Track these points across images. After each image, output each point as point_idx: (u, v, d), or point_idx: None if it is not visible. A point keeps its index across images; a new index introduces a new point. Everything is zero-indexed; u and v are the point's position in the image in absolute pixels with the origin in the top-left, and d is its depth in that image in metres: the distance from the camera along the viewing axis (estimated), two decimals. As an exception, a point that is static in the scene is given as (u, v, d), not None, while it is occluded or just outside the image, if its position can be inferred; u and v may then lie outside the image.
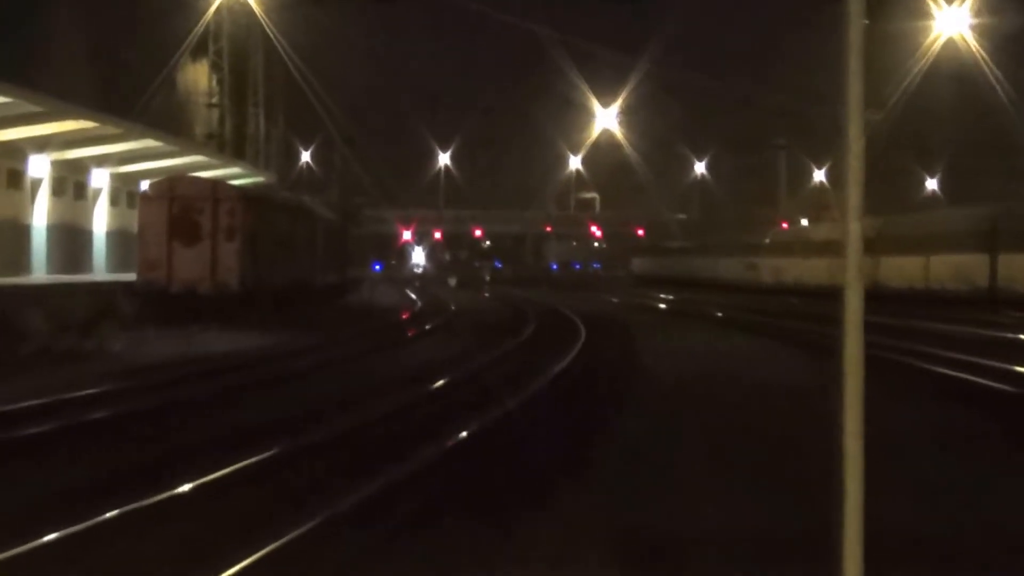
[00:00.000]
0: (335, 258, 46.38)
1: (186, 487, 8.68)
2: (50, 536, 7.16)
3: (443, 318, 35.07)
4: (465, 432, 11.60)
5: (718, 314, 38.91)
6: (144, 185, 36.20)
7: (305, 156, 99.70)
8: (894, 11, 57.56)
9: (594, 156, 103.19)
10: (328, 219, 45.96)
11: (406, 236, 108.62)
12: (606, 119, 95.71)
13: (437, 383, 16.40)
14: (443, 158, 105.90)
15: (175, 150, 44.68)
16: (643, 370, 20.08)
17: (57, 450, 10.91)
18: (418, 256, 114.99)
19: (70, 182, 42.10)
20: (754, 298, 52.45)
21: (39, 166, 38.81)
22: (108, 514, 7.73)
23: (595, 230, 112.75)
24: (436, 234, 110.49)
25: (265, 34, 64.59)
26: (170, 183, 32.26)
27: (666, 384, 17.83)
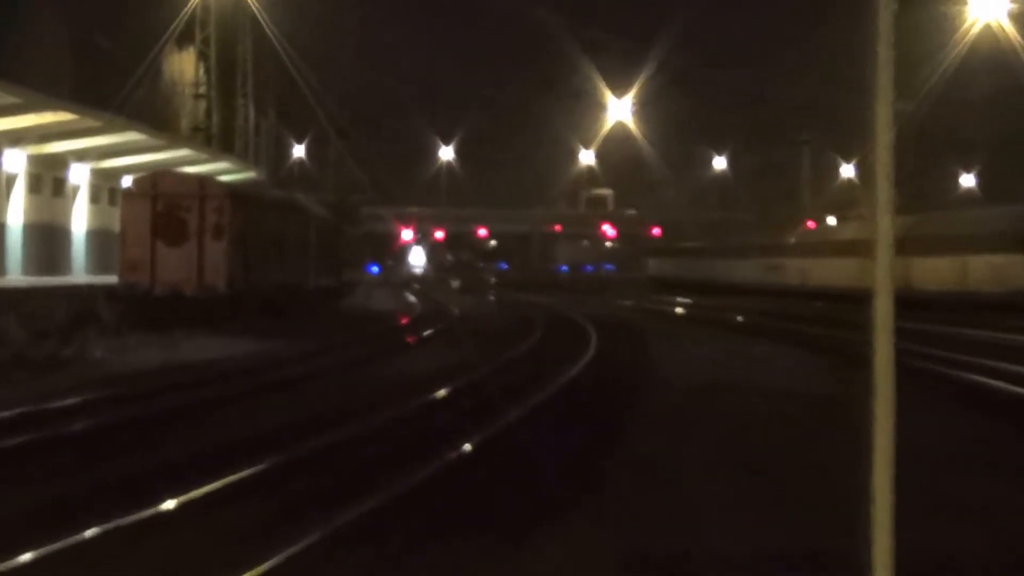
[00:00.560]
0: (330, 259, 46.38)
1: (167, 505, 8.65)
2: (22, 557, 7.13)
3: (444, 324, 35.03)
4: (467, 446, 11.58)
5: (739, 319, 38.87)
6: (126, 181, 36.27)
7: (298, 150, 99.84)
8: (927, -5, 57.55)
9: (607, 151, 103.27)
10: (322, 218, 45.98)
11: (405, 236, 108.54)
12: (619, 111, 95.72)
13: (437, 394, 16.37)
14: (445, 152, 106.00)
15: (159, 144, 44.76)
16: (658, 381, 20.03)
17: (30, 466, 10.88)
18: (417, 257, 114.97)
19: (48, 178, 42.14)
20: (778, 302, 52.38)
21: (14, 161, 38.86)
22: (83, 534, 7.70)
23: (608, 230, 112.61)
24: (437, 234, 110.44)
25: (255, 21, 64.77)
26: (154, 179, 32.29)
27: (683, 396, 17.78)
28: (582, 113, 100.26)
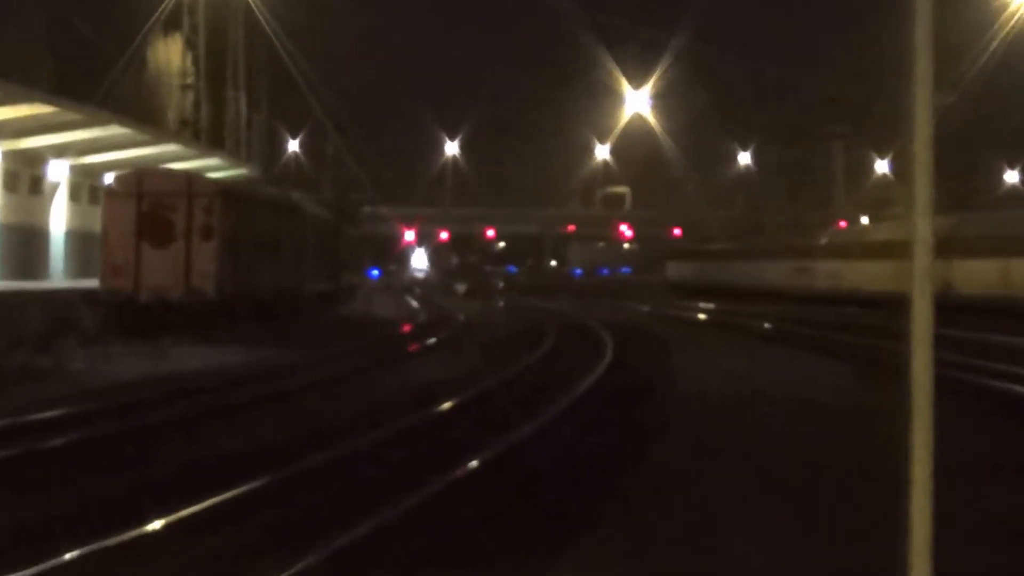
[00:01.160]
0: (327, 262, 46.44)
1: (150, 527, 8.64)
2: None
3: (449, 331, 35.03)
4: (473, 464, 11.55)
5: (765, 326, 38.86)
6: (109, 179, 36.30)
7: (293, 145, 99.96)
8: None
9: (624, 146, 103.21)
10: (319, 218, 46.04)
11: (408, 237, 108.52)
12: (637, 103, 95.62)
13: (441, 407, 16.36)
14: (450, 147, 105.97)
15: (144, 139, 44.75)
16: (681, 394, 20.01)
17: (2, 484, 10.89)
18: (420, 260, 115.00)
19: (24, 175, 42.19)
20: (807, 308, 52.34)
21: (-12, 157, 38.95)
22: (58, 559, 7.69)
23: (625, 230, 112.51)
24: (442, 235, 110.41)
25: (247, 6, 64.81)
26: (138, 176, 32.33)
27: (708, 410, 17.75)
28: (597, 105, 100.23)
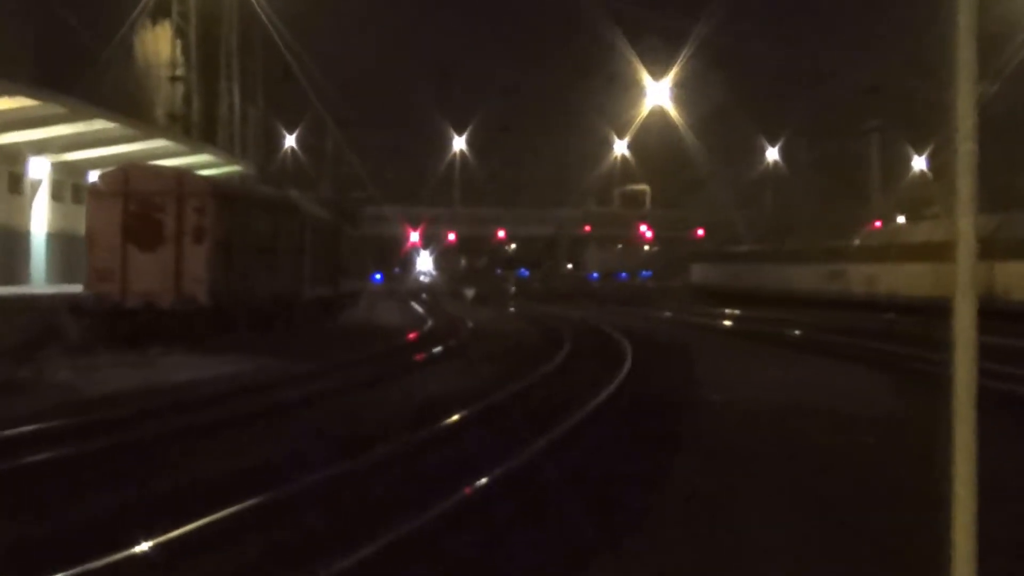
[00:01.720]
0: (328, 266, 46.44)
1: (135, 550, 8.63)
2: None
3: (457, 340, 35.04)
4: (483, 481, 11.53)
5: (796, 333, 38.88)
6: (93, 176, 36.34)
7: (290, 141, 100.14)
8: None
9: (643, 141, 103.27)
10: (319, 219, 46.06)
11: (413, 239, 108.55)
12: (657, 95, 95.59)
13: (448, 421, 16.36)
14: (458, 143, 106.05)
15: (131, 134, 44.85)
16: (707, 406, 19.96)
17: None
18: (427, 263, 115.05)
19: (2, 174, 42.31)
20: (840, 314, 52.33)
21: (-35, 155, 39.05)
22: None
23: (644, 231, 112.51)
24: (449, 236, 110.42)
25: (241, -7, 64.94)
26: (125, 174, 32.32)
27: (737, 424, 17.71)
28: (615, 98, 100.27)
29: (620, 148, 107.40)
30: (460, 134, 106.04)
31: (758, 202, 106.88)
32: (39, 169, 44.11)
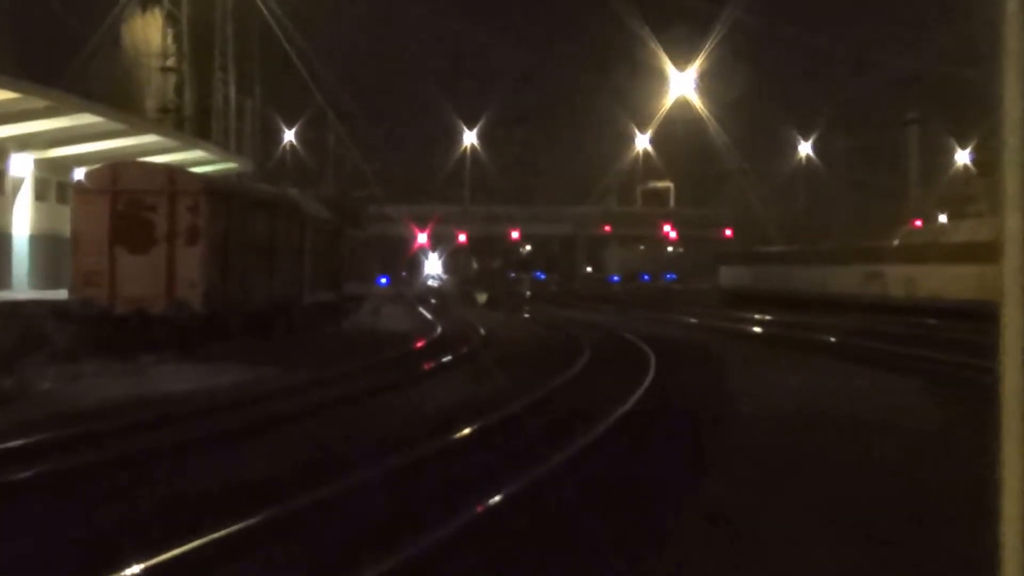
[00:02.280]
0: (329, 269, 46.49)
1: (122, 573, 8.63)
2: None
3: (469, 347, 35.02)
4: (496, 499, 11.52)
5: (831, 340, 38.87)
6: (79, 174, 36.37)
7: (289, 136, 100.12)
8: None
9: (667, 135, 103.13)
10: (320, 219, 46.10)
11: (421, 240, 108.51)
12: (681, 85, 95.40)
13: (459, 434, 16.35)
14: (469, 137, 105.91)
15: (120, 128, 44.91)
16: (736, 417, 19.92)
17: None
18: (435, 266, 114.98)
19: (-17, 171, 42.40)
20: (878, 318, 52.31)
21: (-57, 151, 39.09)
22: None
23: (668, 231, 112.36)
24: (460, 237, 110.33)
25: (236, -23, 65.00)
26: (113, 171, 32.34)
27: (769, 436, 17.66)
28: (636, 89, 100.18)
29: (642, 142, 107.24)
30: (471, 128, 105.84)
31: (789, 199, 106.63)
32: (21, 166, 44.14)
